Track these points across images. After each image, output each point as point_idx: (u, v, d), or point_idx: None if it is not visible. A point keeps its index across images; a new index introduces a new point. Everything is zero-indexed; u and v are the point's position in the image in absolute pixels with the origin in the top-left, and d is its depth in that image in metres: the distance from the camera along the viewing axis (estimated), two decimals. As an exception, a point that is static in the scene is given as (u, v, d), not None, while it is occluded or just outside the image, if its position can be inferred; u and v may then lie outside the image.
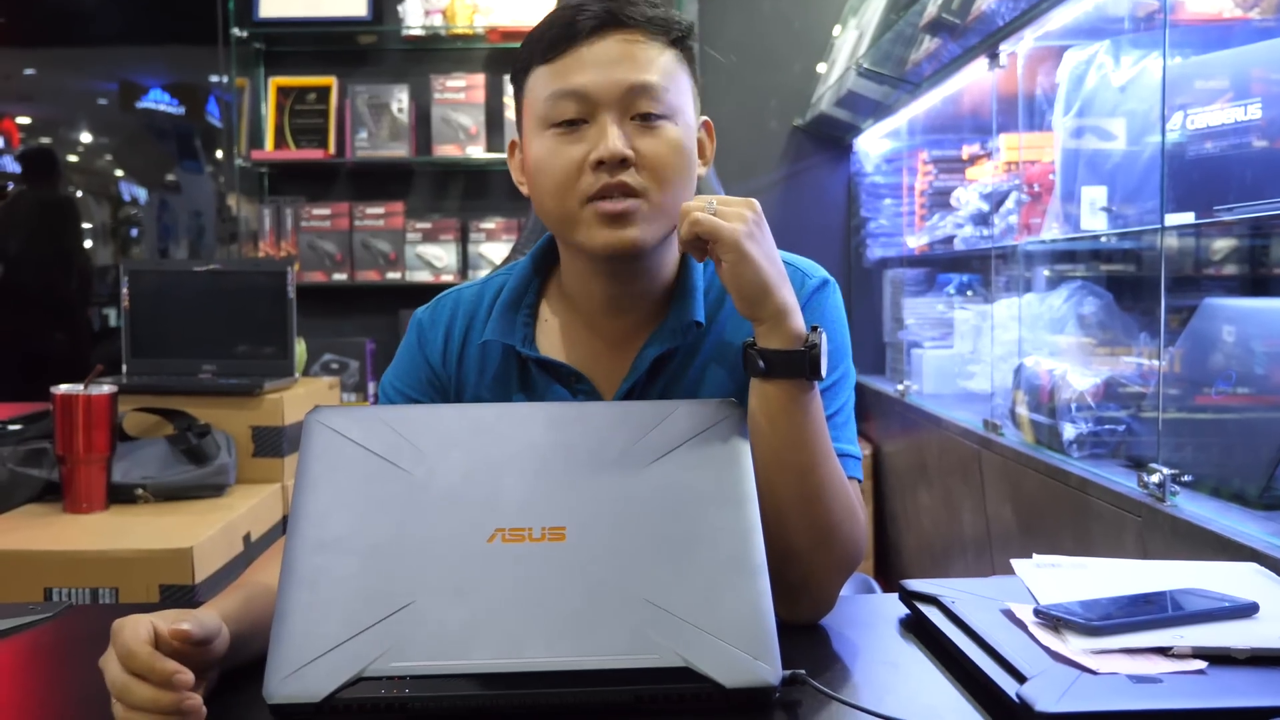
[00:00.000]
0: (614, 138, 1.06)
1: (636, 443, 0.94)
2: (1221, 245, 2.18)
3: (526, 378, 1.17)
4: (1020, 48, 2.29)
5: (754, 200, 1.02)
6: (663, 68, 1.09)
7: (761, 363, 0.99)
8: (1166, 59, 1.67)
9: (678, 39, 1.12)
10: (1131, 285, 2.31)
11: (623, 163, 1.06)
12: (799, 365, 0.99)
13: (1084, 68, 2.09)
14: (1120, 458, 1.86)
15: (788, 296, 1.00)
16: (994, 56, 2.33)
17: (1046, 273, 2.48)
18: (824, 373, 0.99)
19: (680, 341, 1.14)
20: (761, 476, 0.94)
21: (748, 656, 0.82)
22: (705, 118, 1.18)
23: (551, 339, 1.18)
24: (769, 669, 0.82)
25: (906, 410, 3.03)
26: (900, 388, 3.12)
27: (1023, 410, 2.15)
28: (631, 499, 0.91)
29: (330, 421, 0.95)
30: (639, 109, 1.07)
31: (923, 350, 3.14)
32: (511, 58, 1.15)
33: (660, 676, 0.82)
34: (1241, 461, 1.55)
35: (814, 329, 1.01)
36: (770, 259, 1.00)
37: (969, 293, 3.13)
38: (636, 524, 0.89)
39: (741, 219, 0.99)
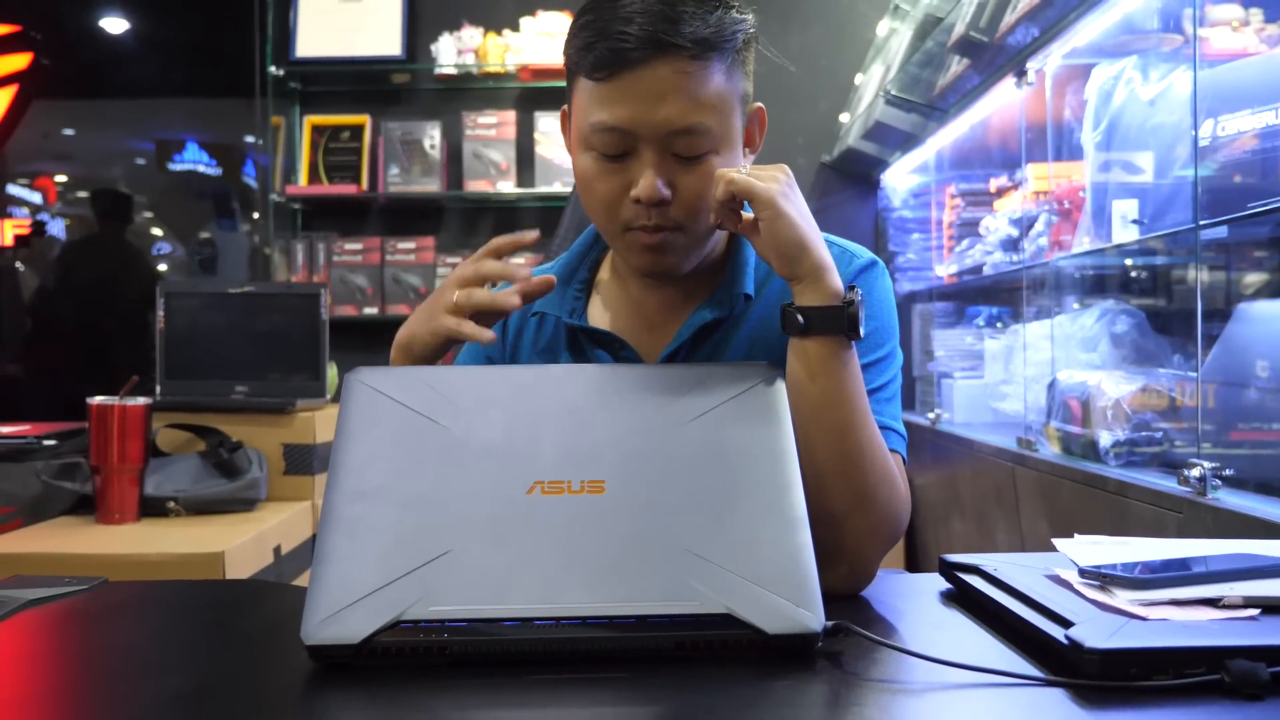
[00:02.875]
0: (652, 180, 1.04)
1: (675, 402, 0.94)
2: (1257, 254, 2.16)
3: (575, 347, 1.20)
4: (1048, 65, 2.31)
5: (785, 165, 1.04)
6: (712, 95, 1.04)
7: (800, 318, 1.00)
8: (1197, 69, 1.67)
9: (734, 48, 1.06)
10: (1164, 301, 2.29)
11: (661, 202, 1.06)
12: (837, 321, 0.99)
13: (1112, 83, 2.10)
14: (1157, 466, 1.83)
15: (824, 254, 1.01)
16: (1022, 74, 2.35)
17: (1076, 299, 2.46)
18: (862, 331, 0.99)
19: (728, 311, 1.15)
20: (800, 436, 0.93)
21: (790, 604, 0.81)
22: (759, 104, 1.15)
23: (601, 310, 1.22)
24: (812, 616, 0.81)
25: (938, 438, 3.01)
26: (932, 415, 3.10)
27: (1057, 424, 2.13)
28: (671, 454, 0.90)
29: (370, 380, 0.95)
30: (680, 150, 1.05)
31: (953, 380, 3.12)
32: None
33: (702, 623, 0.81)
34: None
35: (851, 288, 1.01)
36: (805, 217, 1.01)
37: (998, 324, 3.12)
38: (676, 478, 0.89)
39: (775, 179, 1.01)
